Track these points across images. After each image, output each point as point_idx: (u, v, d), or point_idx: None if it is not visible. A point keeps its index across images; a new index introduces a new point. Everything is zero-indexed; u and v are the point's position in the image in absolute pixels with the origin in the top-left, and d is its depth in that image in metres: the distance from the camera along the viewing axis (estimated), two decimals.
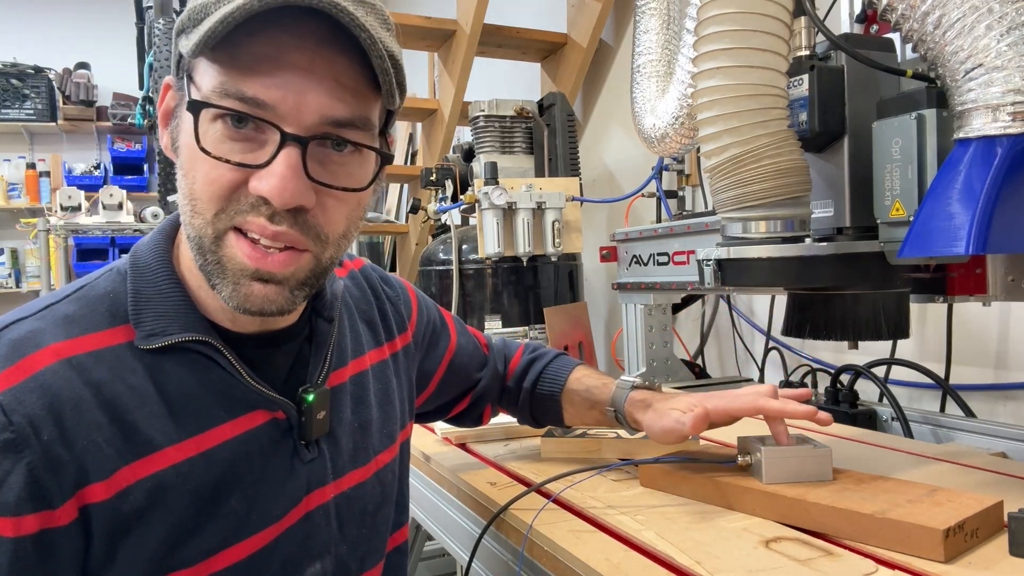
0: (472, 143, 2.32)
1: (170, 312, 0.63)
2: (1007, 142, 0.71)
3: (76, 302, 0.63)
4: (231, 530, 0.63)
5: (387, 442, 0.80)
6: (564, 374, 1.00)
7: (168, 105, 0.63)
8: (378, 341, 0.83)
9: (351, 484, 0.74)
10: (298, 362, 0.70)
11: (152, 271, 0.65)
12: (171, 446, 0.60)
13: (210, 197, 0.58)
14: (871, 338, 0.92)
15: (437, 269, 2.12)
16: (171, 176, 3.73)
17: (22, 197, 5.40)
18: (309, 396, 0.68)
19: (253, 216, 0.58)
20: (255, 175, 0.58)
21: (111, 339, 0.61)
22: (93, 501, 0.57)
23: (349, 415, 0.75)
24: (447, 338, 0.98)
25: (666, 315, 1.79)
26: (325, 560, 0.70)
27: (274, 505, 0.66)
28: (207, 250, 0.60)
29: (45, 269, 3.52)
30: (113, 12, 5.27)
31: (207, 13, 0.56)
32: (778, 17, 0.82)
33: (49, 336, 0.59)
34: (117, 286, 0.64)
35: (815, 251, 0.86)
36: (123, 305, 0.63)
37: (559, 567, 0.74)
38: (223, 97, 0.57)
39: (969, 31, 0.72)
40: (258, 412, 0.66)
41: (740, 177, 0.84)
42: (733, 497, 0.80)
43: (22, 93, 5.27)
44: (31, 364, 0.57)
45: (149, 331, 0.62)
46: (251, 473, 0.64)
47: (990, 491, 0.75)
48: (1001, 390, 1.41)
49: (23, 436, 0.54)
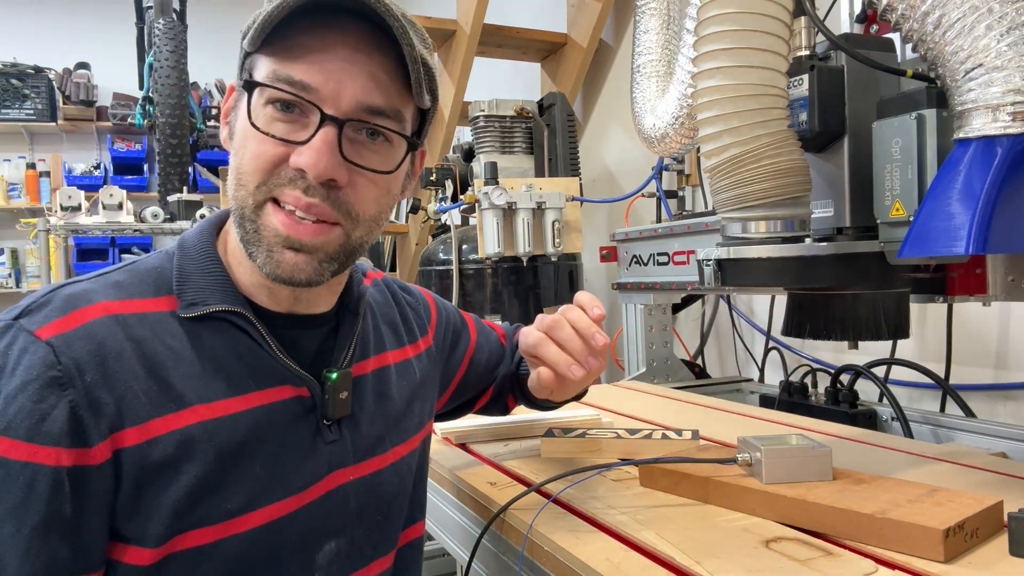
0: (472, 143, 2.32)
1: (210, 286, 0.69)
2: (1007, 142, 0.71)
3: (126, 272, 0.69)
4: (253, 494, 0.66)
5: (407, 436, 0.83)
6: None
7: (229, 104, 0.71)
8: (400, 343, 0.87)
9: (371, 471, 0.77)
10: (324, 347, 0.75)
11: (197, 251, 0.71)
12: (201, 404, 0.65)
13: (255, 170, 0.65)
14: (871, 338, 0.92)
15: (437, 269, 2.12)
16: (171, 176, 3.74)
17: (22, 197, 5.39)
18: (332, 375, 0.73)
19: (290, 188, 0.65)
20: (296, 150, 0.65)
21: (155, 306, 0.67)
22: (126, 445, 0.61)
23: (371, 405, 0.78)
24: (467, 338, 1.01)
25: (666, 315, 1.79)
26: (340, 540, 0.74)
27: (295, 477, 0.70)
28: (247, 219, 0.67)
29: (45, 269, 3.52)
30: (113, 12, 5.27)
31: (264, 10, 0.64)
32: (778, 17, 0.82)
33: (100, 295, 0.65)
34: (164, 263, 0.71)
35: (815, 251, 0.86)
36: (168, 279, 0.69)
37: (559, 567, 0.74)
38: (275, 81, 0.64)
39: (969, 31, 0.72)
40: (284, 387, 0.70)
41: (740, 177, 0.84)
42: (733, 497, 0.80)
43: (22, 93, 5.27)
44: (82, 315, 0.63)
45: (190, 300, 0.68)
46: (274, 441, 0.68)
47: (990, 491, 0.75)
48: (1001, 390, 1.41)
49: (68, 375, 0.60)
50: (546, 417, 1.21)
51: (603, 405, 1.38)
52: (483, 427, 1.18)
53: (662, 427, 1.08)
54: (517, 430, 1.18)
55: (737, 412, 1.33)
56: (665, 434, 1.03)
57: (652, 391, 1.58)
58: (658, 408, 1.40)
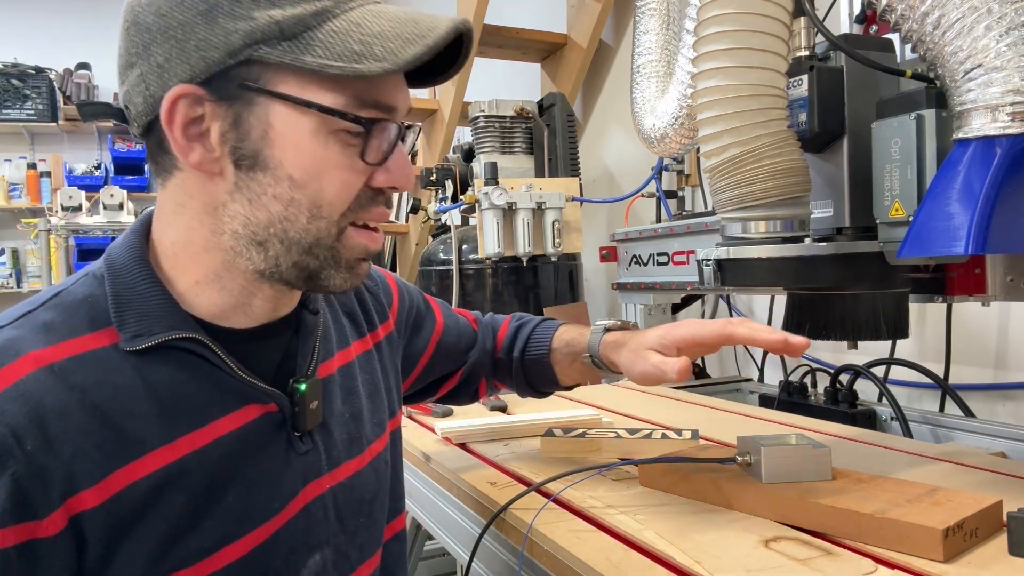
0: (472, 143, 2.32)
1: (153, 312, 0.62)
2: (1006, 142, 0.72)
3: (54, 309, 0.61)
4: (230, 527, 0.63)
5: (378, 431, 0.80)
6: (549, 334, 1.00)
7: (188, 116, 0.59)
8: (360, 332, 0.84)
9: (347, 474, 0.74)
10: (286, 355, 0.71)
11: (130, 272, 0.64)
12: (163, 446, 0.60)
13: (343, 201, 0.62)
14: (870, 338, 0.92)
15: (437, 269, 2.12)
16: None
17: (23, 197, 5.39)
18: (301, 386, 0.68)
19: (376, 207, 0.64)
20: (379, 170, 0.63)
21: (94, 342, 0.60)
22: (84, 508, 0.56)
23: (340, 405, 0.75)
24: (432, 321, 0.99)
25: (666, 315, 1.79)
26: (325, 551, 0.71)
27: (271, 499, 0.66)
28: (323, 247, 0.63)
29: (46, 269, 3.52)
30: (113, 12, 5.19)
31: (319, 22, 0.58)
32: (778, 17, 0.82)
33: (29, 344, 0.58)
34: (95, 290, 0.63)
35: (815, 251, 0.86)
36: (103, 309, 0.62)
37: (559, 567, 0.74)
38: (362, 107, 0.60)
39: (968, 31, 0.73)
40: (251, 406, 0.66)
41: (740, 177, 0.85)
42: (733, 497, 0.80)
43: (23, 93, 5.26)
44: (11, 373, 0.56)
45: (134, 332, 0.61)
46: (247, 468, 0.64)
47: (989, 491, 0.75)
48: (1000, 390, 1.41)
49: (6, 447, 0.53)
50: (546, 417, 1.21)
51: (603, 405, 1.38)
52: (483, 427, 1.18)
53: (662, 427, 1.08)
54: (517, 430, 1.18)
55: (737, 412, 1.33)
56: (665, 434, 1.03)
57: (652, 391, 1.58)
58: (658, 408, 1.40)
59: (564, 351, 0.98)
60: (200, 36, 0.57)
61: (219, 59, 0.57)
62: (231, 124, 0.59)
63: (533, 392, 1.04)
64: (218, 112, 0.59)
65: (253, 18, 0.57)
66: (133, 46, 0.60)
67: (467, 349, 1.02)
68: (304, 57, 0.57)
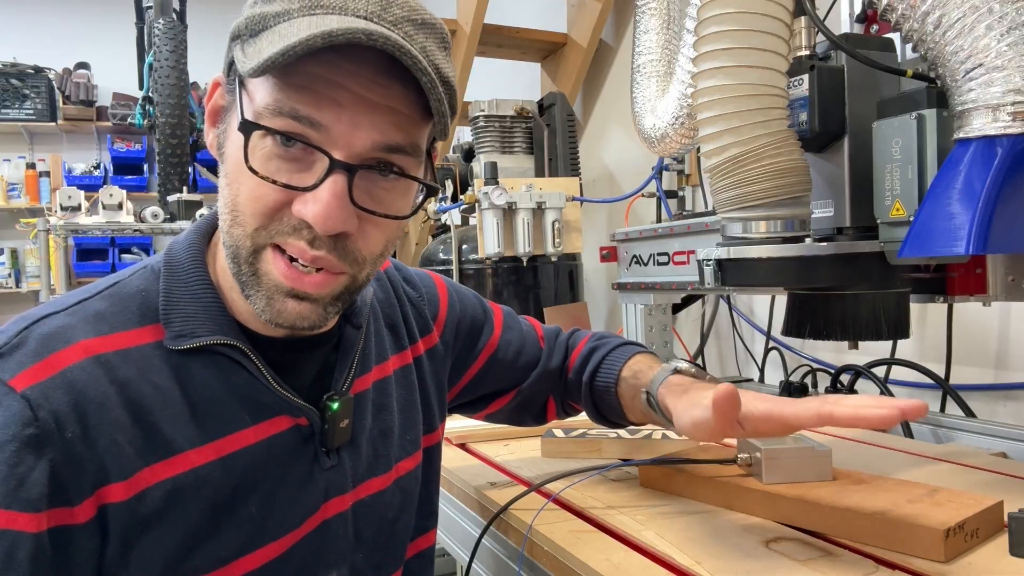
0: (472, 143, 2.32)
1: (200, 314, 0.63)
2: (1007, 142, 0.71)
3: (108, 299, 0.63)
4: (248, 537, 0.63)
5: (410, 449, 0.78)
6: (620, 363, 0.88)
7: (216, 104, 0.63)
8: (401, 346, 0.81)
9: (370, 492, 0.73)
10: (324, 368, 0.70)
11: (185, 271, 0.65)
12: (191, 449, 0.60)
13: (252, 213, 0.58)
14: (871, 338, 0.92)
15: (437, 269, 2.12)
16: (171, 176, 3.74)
17: (22, 197, 5.39)
18: (334, 404, 0.67)
19: (294, 239, 0.59)
20: (300, 197, 0.57)
21: (140, 338, 0.61)
22: (111, 501, 0.57)
23: (370, 422, 0.74)
24: (490, 332, 0.92)
25: (666, 315, 1.79)
26: (341, 568, 0.70)
27: (291, 512, 0.65)
28: (243, 261, 0.60)
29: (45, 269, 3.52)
30: (113, 12, 5.26)
31: (265, 26, 0.57)
32: (778, 17, 0.82)
33: (80, 332, 0.59)
34: (150, 284, 0.64)
35: (815, 251, 0.86)
36: (154, 304, 0.63)
37: (559, 567, 0.74)
38: (276, 115, 0.56)
39: (969, 31, 0.72)
40: (282, 418, 0.65)
41: (740, 177, 0.84)
42: (733, 497, 0.80)
43: (22, 93, 5.26)
44: (60, 360, 0.57)
45: (178, 332, 0.62)
46: (270, 480, 0.64)
47: (990, 491, 0.75)
48: (1001, 390, 1.41)
49: (47, 432, 0.55)
50: None
51: None
52: (483, 427, 1.18)
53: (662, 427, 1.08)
54: (517, 430, 1.18)
55: None
56: (665, 434, 1.03)
57: None
58: None
59: (630, 382, 0.86)
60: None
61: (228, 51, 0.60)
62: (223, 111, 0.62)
63: (605, 422, 0.93)
64: (225, 98, 0.62)
65: (242, 13, 0.59)
66: None
67: (528, 367, 0.93)
68: (240, 55, 0.57)
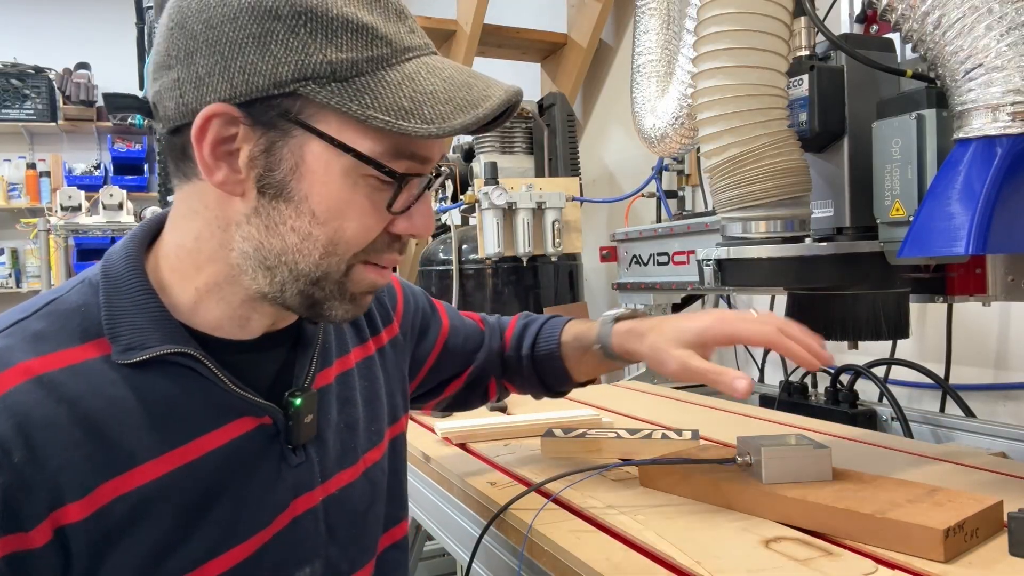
0: (472, 143, 2.32)
1: (147, 325, 0.61)
2: (1007, 142, 0.72)
3: (46, 317, 0.60)
4: (218, 540, 0.62)
5: (375, 439, 0.79)
6: (558, 329, 0.99)
7: (220, 135, 0.58)
8: (362, 338, 0.82)
9: (339, 486, 0.73)
10: (284, 366, 0.70)
11: (125, 281, 0.62)
12: (153, 459, 0.59)
13: (360, 244, 0.61)
14: (871, 338, 0.92)
15: (437, 269, 2.12)
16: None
17: (22, 197, 5.39)
18: (296, 400, 0.67)
19: (388, 253, 0.64)
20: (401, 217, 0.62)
21: (85, 354, 0.59)
22: (69, 522, 0.55)
23: (335, 416, 0.74)
24: (438, 323, 0.98)
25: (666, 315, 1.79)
26: (314, 564, 0.70)
27: (261, 512, 0.65)
28: (331, 281, 0.62)
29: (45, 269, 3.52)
30: (113, 12, 5.26)
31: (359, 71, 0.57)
32: (778, 17, 0.82)
33: (18, 354, 0.57)
34: (89, 299, 0.62)
35: (815, 251, 0.86)
36: (96, 319, 0.61)
37: (559, 567, 0.74)
38: (396, 157, 0.59)
39: (969, 31, 0.73)
40: (244, 419, 0.65)
41: (740, 177, 0.84)
42: (733, 497, 0.80)
43: (22, 93, 5.26)
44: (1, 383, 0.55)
45: (126, 345, 0.60)
46: (237, 482, 0.64)
47: (990, 491, 0.75)
48: (1001, 390, 1.41)
49: None
50: (546, 417, 1.21)
51: (603, 405, 1.38)
52: (483, 427, 1.18)
53: (662, 427, 1.08)
54: (517, 430, 1.18)
55: (737, 412, 1.33)
56: (665, 434, 1.03)
57: (652, 391, 1.58)
58: (658, 408, 1.40)
59: (574, 344, 0.96)
60: (248, 59, 0.56)
61: (264, 86, 0.56)
62: (262, 150, 0.58)
63: (547, 391, 1.01)
64: (251, 136, 0.58)
65: (308, 53, 0.56)
66: (175, 49, 0.59)
67: (474, 350, 1.00)
68: (351, 104, 0.56)
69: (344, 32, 0.57)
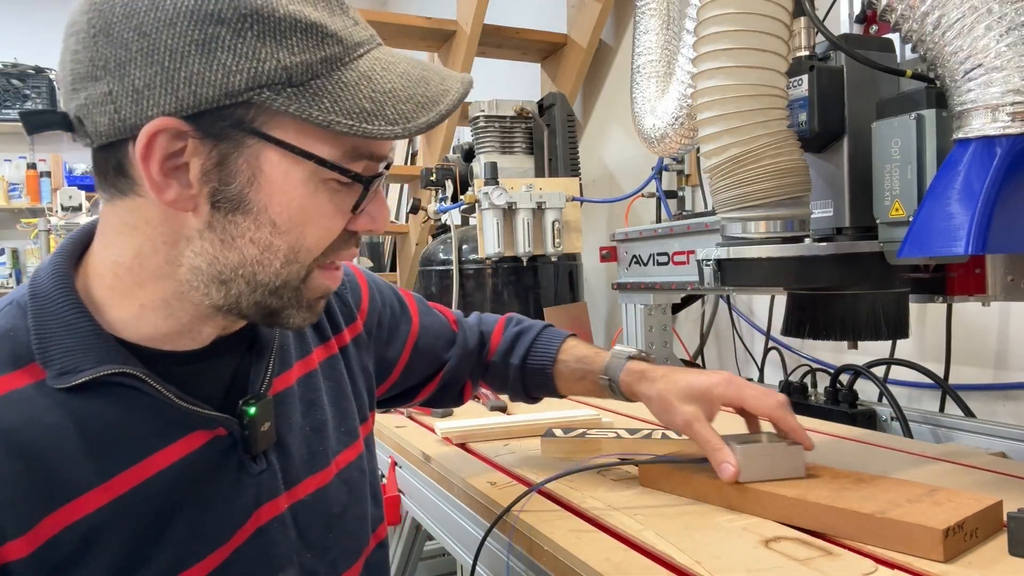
0: (472, 143, 2.32)
1: (80, 346, 0.58)
2: (1006, 142, 0.72)
3: None
4: (178, 558, 0.60)
5: (348, 440, 0.78)
6: (555, 346, 0.99)
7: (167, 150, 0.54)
8: (324, 337, 0.80)
9: (309, 491, 0.71)
10: (239, 372, 0.68)
11: (54, 301, 0.59)
12: (98, 486, 0.57)
13: (322, 247, 0.61)
14: (870, 338, 0.92)
15: (437, 269, 2.12)
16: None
17: (23, 197, 5.38)
18: (251, 409, 0.65)
19: (346, 250, 0.63)
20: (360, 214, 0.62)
21: (17, 381, 0.56)
22: (13, 559, 0.53)
23: (299, 420, 0.72)
24: (408, 322, 0.95)
25: (666, 315, 1.79)
26: (288, 571, 0.68)
27: (222, 525, 0.63)
28: (290, 288, 0.61)
29: None
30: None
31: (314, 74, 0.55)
32: (778, 17, 0.82)
33: None
34: (17, 322, 0.59)
35: (815, 251, 0.86)
36: (26, 342, 0.58)
37: (559, 567, 0.74)
38: (355, 159, 0.58)
39: (968, 31, 0.73)
40: (196, 433, 0.62)
41: (740, 177, 0.85)
42: (733, 497, 0.80)
43: (22, 93, 5.26)
44: None
45: (60, 369, 0.57)
46: (195, 497, 0.62)
47: (990, 491, 0.75)
48: (1001, 390, 1.41)
49: None
50: (546, 417, 1.21)
51: (603, 405, 1.38)
52: (483, 427, 1.18)
53: (662, 427, 1.08)
54: (517, 430, 1.18)
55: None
56: (665, 434, 1.03)
57: None
58: None
59: (573, 366, 0.97)
60: (193, 68, 0.52)
61: (213, 97, 0.53)
62: (215, 164, 0.55)
63: (526, 398, 1.04)
64: (200, 149, 0.55)
65: (259, 59, 0.53)
66: (101, 59, 0.54)
67: (445, 351, 0.98)
68: (311, 110, 0.54)
69: (293, 33, 0.54)
